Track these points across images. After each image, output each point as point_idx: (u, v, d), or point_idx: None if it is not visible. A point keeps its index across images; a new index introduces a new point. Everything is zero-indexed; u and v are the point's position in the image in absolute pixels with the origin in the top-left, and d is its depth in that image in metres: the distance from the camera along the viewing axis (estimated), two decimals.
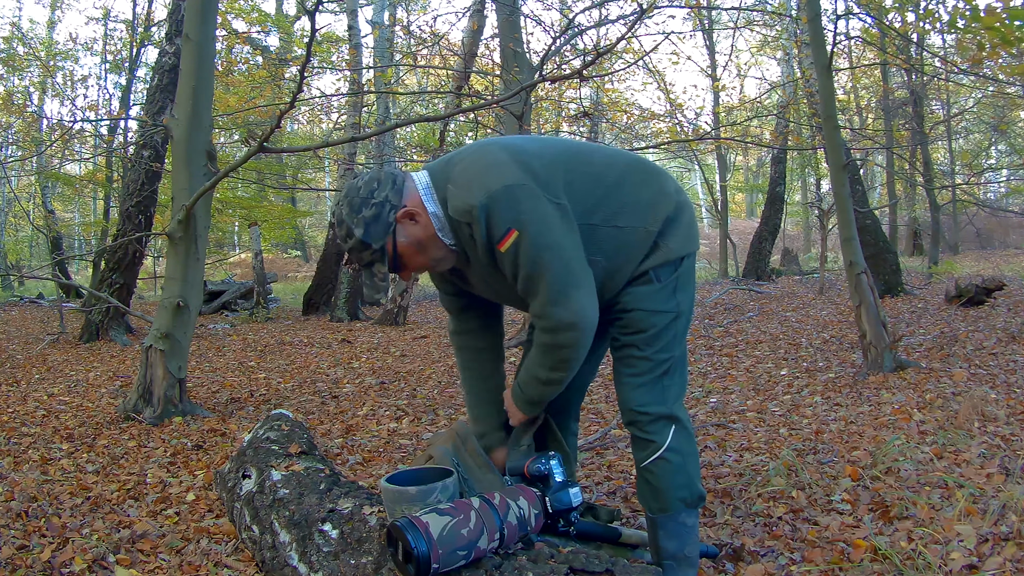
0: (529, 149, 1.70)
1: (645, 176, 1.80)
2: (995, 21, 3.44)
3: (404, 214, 1.66)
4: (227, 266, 20.85)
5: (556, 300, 1.62)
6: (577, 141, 1.97)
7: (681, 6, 9.44)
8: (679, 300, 1.78)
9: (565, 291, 1.61)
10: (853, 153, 10.10)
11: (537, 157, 1.67)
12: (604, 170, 1.76)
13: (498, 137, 1.85)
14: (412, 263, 1.73)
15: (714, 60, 16.36)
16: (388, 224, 1.65)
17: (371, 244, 1.66)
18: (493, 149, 1.67)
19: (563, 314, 1.62)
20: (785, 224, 17.60)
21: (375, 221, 1.65)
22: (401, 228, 1.67)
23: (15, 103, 13.53)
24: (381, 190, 1.66)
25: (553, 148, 1.76)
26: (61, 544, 2.22)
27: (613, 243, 1.73)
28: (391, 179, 1.69)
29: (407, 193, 1.68)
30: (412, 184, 1.70)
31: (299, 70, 4.01)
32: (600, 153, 1.84)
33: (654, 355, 1.76)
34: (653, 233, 1.75)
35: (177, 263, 3.99)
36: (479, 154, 1.67)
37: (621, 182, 1.75)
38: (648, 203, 1.76)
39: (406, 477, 1.69)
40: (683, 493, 1.78)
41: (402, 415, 4.05)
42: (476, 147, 1.72)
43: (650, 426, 1.77)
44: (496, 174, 1.60)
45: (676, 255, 1.76)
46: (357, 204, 1.66)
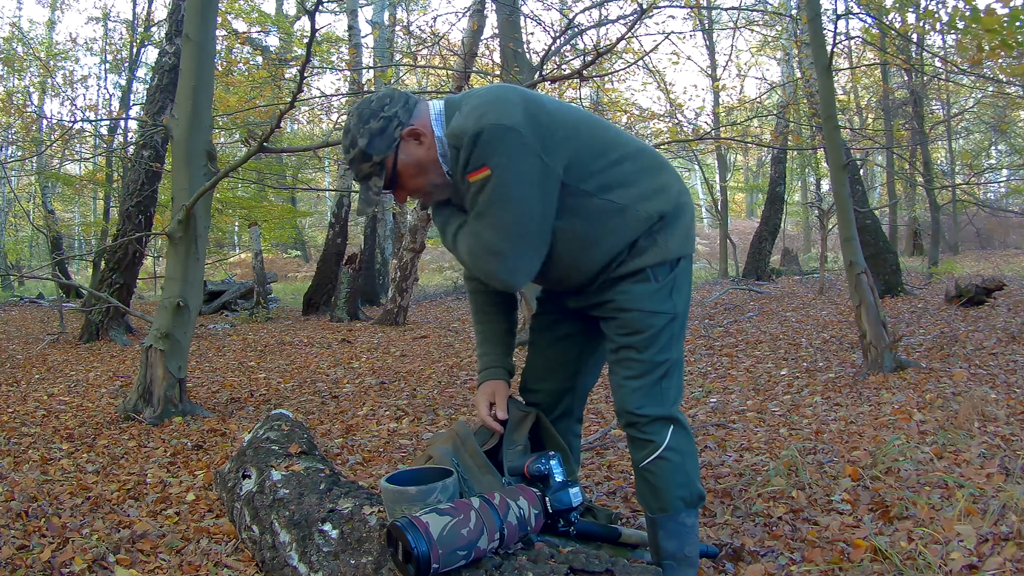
0: (546, 103, 1.70)
1: (652, 165, 1.79)
2: (995, 23, 3.44)
3: (410, 132, 1.67)
4: (227, 266, 20.85)
5: (492, 251, 1.65)
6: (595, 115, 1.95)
7: (681, 6, 9.45)
8: (676, 301, 1.77)
9: (504, 247, 1.64)
10: (853, 153, 10.10)
11: (549, 112, 1.67)
12: (612, 145, 1.75)
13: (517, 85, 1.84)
14: (409, 184, 1.73)
15: (714, 60, 16.36)
16: (392, 139, 1.67)
17: (372, 156, 1.67)
18: (510, 89, 1.68)
19: (495, 266, 1.67)
20: (785, 224, 17.60)
21: (380, 134, 1.66)
22: (404, 146, 1.68)
23: (15, 103, 13.53)
24: (392, 106, 1.68)
25: (570, 112, 1.76)
26: (61, 544, 2.22)
27: (599, 213, 1.71)
28: (404, 98, 1.70)
29: (417, 113, 1.69)
30: (424, 108, 1.71)
31: (299, 70, 4.01)
32: (613, 131, 1.83)
33: (652, 357, 1.75)
34: (646, 220, 1.72)
35: (177, 263, 3.99)
36: (496, 89, 1.68)
37: (625, 160, 1.75)
38: (647, 190, 1.74)
39: (406, 477, 1.69)
40: (682, 492, 1.77)
41: (402, 415, 4.05)
42: (496, 85, 1.74)
43: (648, 428, 1.76)
44: (498, 110, 1.59)
45: (674, 255, 1.75)
46: (366, 115, 1.67)
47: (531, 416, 1.94)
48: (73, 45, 15.67)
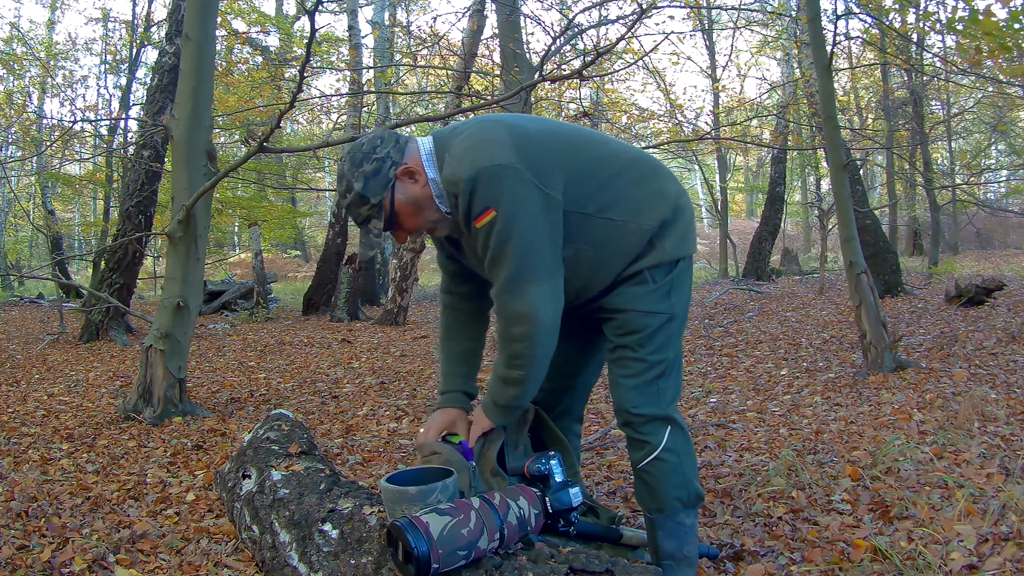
0: (531, 132, 1.69)
1: (646, 174, 1.79)
2: (993, 26, 3.44)
3: (404, 171, 1.68)
4: (227, 266, 20.85)
5: (511, 289, 1.62)
6: (586, 129, 1.95)
7: (681, 6, 9.45)
8: (673, 302, 1.77)
9: (524, 282, 1.61)
10: (853, 153, 10.10)
11: (537, 142, 1.66)
12: (604, 161, 1.75)
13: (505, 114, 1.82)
14: (408, 223, 1.73)
15: (714, 60, 16.36)
16: (388, 180, 1.67)
17: (369, 198, 1.68)
18: (494, 125, 1.67)
19: (515, 304, 1.63)
20: (785, 224, 17.61)
21: (375, 176, 1.67)
22: (400, 185, 1.69)
23: (15, 103, 13.53)
24: (384, 147, 1.69)
25: (556, 134, 1.75)
26: (61, 544, 2.22)
27: (604, 234, 1.72)
28: (394, 138, 1.71)
29: (409, 153, 1.70)
30: (415, 146, 1.72)
31: (299, 70, 4.01)
32: (605, 145, 1.82)
33: (648, 356, 1.75)
34: (647, 231, 1.73)
35: (177, 263, 3.99)
36: (480, 128, 1.67)
37: (619, 175, 1.75)
38: (644, 201, 1.75)
39: (406, 477, 1.69)
40: (680, 493, 1.78)
41: (402, 415, 4.05)
42: (480, 120, 1.72)
43: (644, 427, 1.77)
44: (489, 151, 1.60)
45: (671, 257, 1.76)
46: (359, 158, 1.68)
47: (530, 412, 1.94)
48: (72, 46, 15.65)
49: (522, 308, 1.62)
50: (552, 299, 1.65)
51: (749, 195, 28.66)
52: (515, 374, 1.70)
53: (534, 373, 1.70)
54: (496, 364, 1.74)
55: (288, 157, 16.33)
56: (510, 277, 1.62)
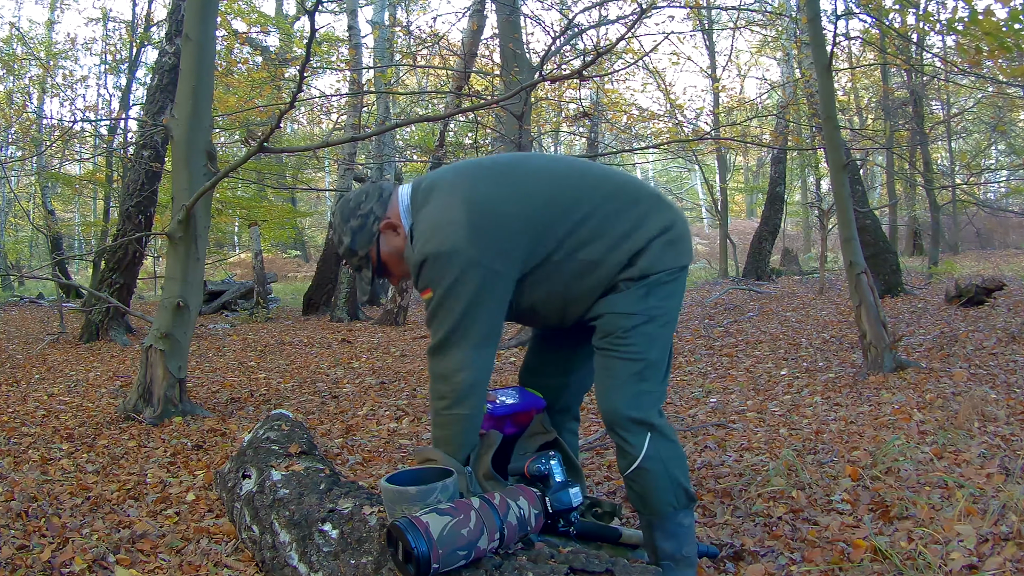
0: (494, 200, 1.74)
1: (623, 205, 1.79)
2: (993, 27, 3.44)
3: (386, 225, 1.82)
4: (227, 266, 20.85)
5: (438, 350, 1.75)
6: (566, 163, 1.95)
7: (681, 6, 9.45)
8: (651, 304, 1.78)
9: (447, 346, 1.73)
10: (853, 153, 10.10)
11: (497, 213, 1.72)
12: (578, 202, 1.78)
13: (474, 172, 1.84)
14: (396, 271, 1.89)
15: (714, 60, 16.35)
16: (372, 234, 1.83)
17: (357, 251, 1.84)
18: (456, 203, 1.74)
19: (438, 365, 1.76)
20: (785, 224, 17.61)
21: (360, 230, 1.83)
22: (384, 238, 1.83)
23: (15, 103, 13.53)
24: (368, 202, 1.83)
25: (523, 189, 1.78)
26: (61, 544, 2.22)
27: (575, 273, 1.78)
28: (378, 192, 1.85)
29: (391, 206, 1.83)
30: (396, 199, 1.85)
31: (299, 70, 4.01)
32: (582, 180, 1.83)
33: (625, 354, 1.77)
34: (619, 264, 1.77)
35: (177, 263, 3.99)
36: (443, 204, 1.75)
37: (593, 214, 1.77)
38: (619, 235, 1.77)
39: (406, 477, 1.69)
40: (669, 498, 1.78)
41: (402, 415, 4.05)
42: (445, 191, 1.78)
43: (624, 431, 1.78)
44: (441, 236, 1.70)
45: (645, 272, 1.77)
46: (347, 214, 1.85)
47: (549, 436, 1.96)
48: (72, 45, 15.64)
49: (443, 370, 1.75)
50: (475, 365, 1.74)
51: (749, 195, 28.66)
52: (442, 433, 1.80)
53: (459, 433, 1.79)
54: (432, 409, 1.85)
55: (288, 157, 16.33)
56: (439, 340, 1.74)
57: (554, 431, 1.99)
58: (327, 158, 17.14)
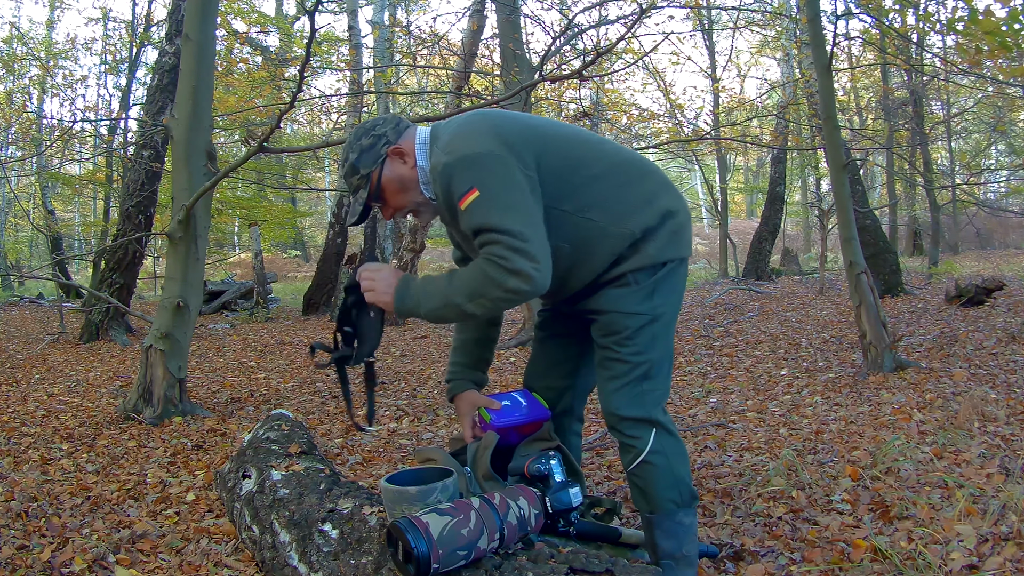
0: (514, 122, 1.75)
1: (633, 178, 1.79)
2: (992, 26, 3.44)
3: (394, 150, 1.78)
4: (227, 266, 20.85)
5: (516, 246, 1.57)
6: (578, 129, 1.95)
7: (681, 6, 9.45)
8: (656, 303, 1.77)
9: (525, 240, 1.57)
10: (853, 153, 10.10)
11: (517, 132, 1.71)
12: (586, 161, 1.76)
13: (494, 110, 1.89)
14: (392, 200, 1.83)
15: (714, 60, 16.36)
16: (378, 155, 1.79)
17: (359, 169, 1.80)
18: (478, 119, 1.74)
19: (520, 262, 1.56)
20: (785, 224, 17.61)
21: (369, 150, 1.79)
22: (389, 163, 1.79)
23: (15, 103, 13.52)
24: (383, 126, 1.81)
25: (539, 128, 1.78)
26: (61, 544, 2.22)
27: (583, 234, 1.73)
28: (396, 121, 1.83)
29: (405, 136, 1.80)
30: (413, 132, 1.82)
31: (299, 70, 4.01)
32: (594, 146, 1.82)
33: (629, 356, 1.76)
34: (629, 236, 1.74)
35: (177, 263, 3.99)
36: (466, 123, 1.75)
37: (603, 177, 1.75)
38: (628, 206, 1.75)
39: (406, 477, 1.69)
40: (672, 494, 1.78)
41: (402, 415, 4.05)
42: (468, 116, 1.80)
43: (629, 430, 1.77)
44: (469, 140, 1.67)
45: (655, 260, 1.76)
46: (360, 133, 1.83)
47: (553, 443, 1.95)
48: (72, 45, 15.65)
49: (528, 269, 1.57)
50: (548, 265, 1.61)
51: (749, 195, 28.67)
52: (471, 309, 1.64)
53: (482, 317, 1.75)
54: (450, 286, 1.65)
55: (288, 157, 16.33)
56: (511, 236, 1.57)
57: (557, 439, 1.97)
58: (327, 158, 17.16)
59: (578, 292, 1.83)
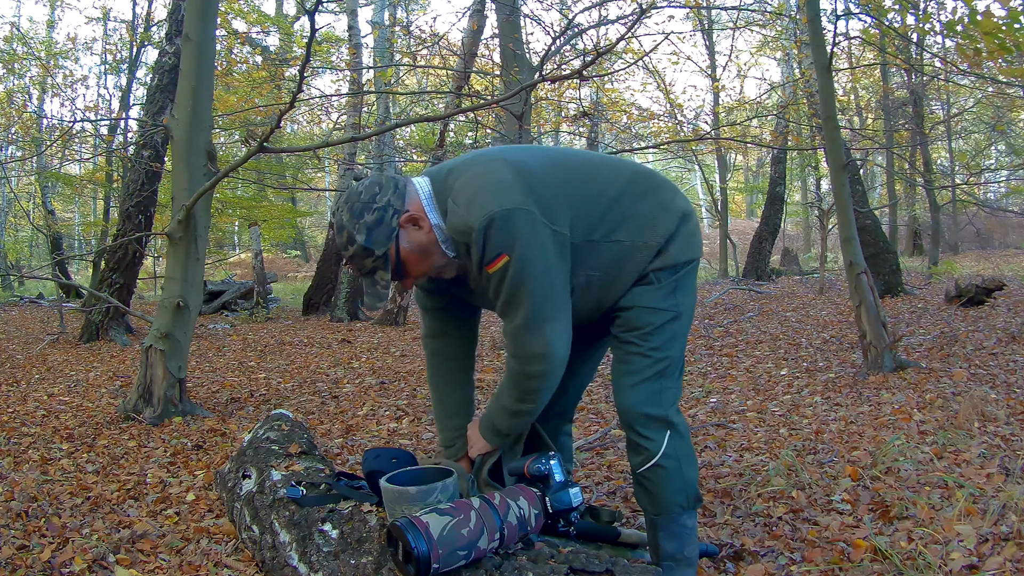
0: (533, 168, 1.66)
1: (647, 189, 1.79)
2: (992, 26, 3.43)
3: (408, 219, 1.62)
4: (227, 266, 20.85)
5: (530, 329, 1.62)
6: (580, 153, 1.97)
7: (681, 6, 9.45)
8: (679, 301, 1.78)
9: (540, 322, 1.62)
10: (853, 153, 10.10)
11: (541, 178, 1.64)
12: (606, 184, 1.75)
13: (503, 148, 1.75)
14: (415, 270, 1.68)
15: (714, 60, 16.35)
16: (391, 229, 1.61)
17: (374, 250, 1.61)
18: (498, 166, 1.63)
19: (534, 345, 1.63)
20: (785, 224, 17.61)
21: (377, 226, 1.60)
22: (404, 233, 1.62)
23: (15, 103, 13.53)
24: (383, 194, 1.62)
25: (556, 166, 1.73)
26: (61, 544, 2.22)
27: (611, 256, 1.73)
28: (392, 184, 1.65)
29: (409, 198, 1.64)
30: (414, 189, 1.67)
31: (299, 70, 4.01)
32: (603, 168, 1.82)
33: (650, 352, 1.76)
34: (655, 247, 1.75)
35: (177, 263, 3.99)
36: (483, 169, 1.63)
37: (622, 196, 1.75)
38: (648, 217, 1.76)
39: (406, 477, 1.69)
40: (679, 498, 1.78)
41: (402, 415, 4.05)
42: (480, 160, 1.67)
43: (644, 429, 1.77)
44: (497, 195, 1.56)
45: (676, 260, 1.77)
46: (359, 209, 1.61)
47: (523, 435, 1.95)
48: (72, 45, 15.64)
49: (540, 348, 1.63)
50: (565, 335, 1.67)
51: (749, 195, 28.65)
52: (526, 407, 1.73)
53: (542, 404, 1.75)
54: (503, 397, 1.76)
55: (288, 157, 16.31)
56: (527, 319, 1.61)
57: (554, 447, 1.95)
58: (327, 158, 17.13)
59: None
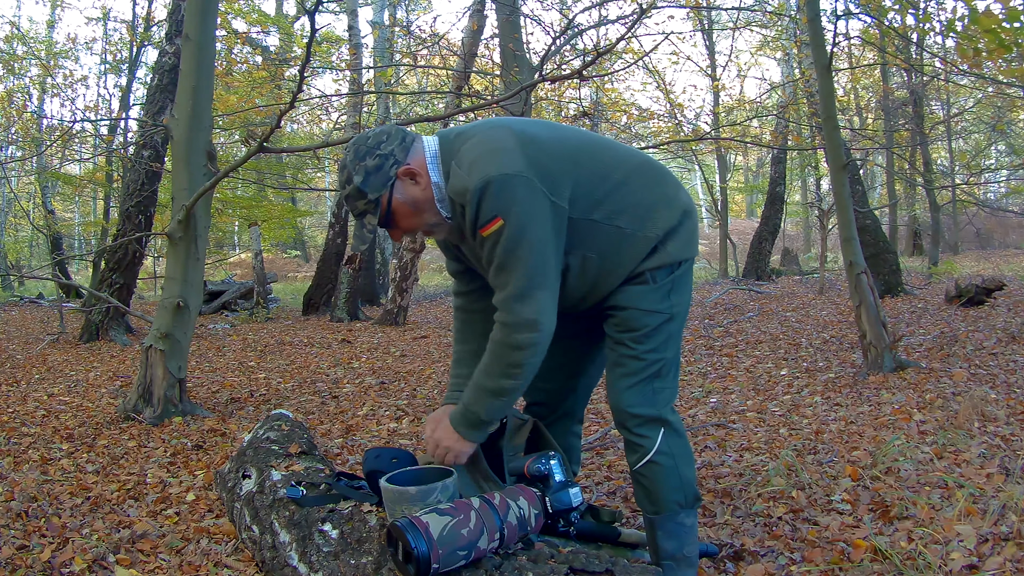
0: (540, 138, 1.67)
1: (653, 180, 1.78)
2: (992, 24, 3.44)
3: (405, 171, 1.66)
4: (227, 266, 20.85)
5: (521, 295, 1.61)
6: (592, 134, 1.94)
7: (681, 6, 9.46)
8: (674, 302, 1.77)
9: (532, 289, 1.60)
10: (853, 153, 10.10)
11: (545, 150, 1.65)
12: (612, 167, 1.74)
13: (512, 119, 1.77)
14: (404, 223, 1.72)
15: (714, 60, 16.36)
16: (388, 177, 1.65)
17: (367, 193, 1.66)
18: (503, 133, 1.64)
19: (525, 311, 1.61)
20: (785, 224, 17.61)
21: (376, 171, 1.65)
22: (400, 185, 1.66)
23: (15, 103, 13.53)
24: (389, 143, 1.66)
25: (564, 140, 1.73)
26: (61, 544, 2.22)
27: (610, 242, 1.72)
28: (401, 135, 1.68)
29: (413, 152, 1.67)
30: (420, 146, 1.69)
31: (299, 70, 4.01)
32: (611, 150, 1.81)
33: (645, 354, 1.75)
34: (653, 239, 1.73)
35: (177, 263, 3.99)
36: (488, 135, 1.65)
37: (626, 181, 1.74)
38: (650, 208, 1.74)
39: (406, 477, 1.69)
40: (677, 496, 1.77)
41: (402, 415, 4.05)
42: (488, 126, 1.69)
43: (639, 428, 1.77)
44: (498, 160, 1.58)
45: (674, 259, 1.76)
46: (362, 152, 1.66)
47: (528, 424, 1.96)
48: (72, 45, 15.65)
49: (531, 315, 1.61)
50: (553, 308, 1.65)
51: (749, 195, 28.66)
52: (508, 384, 1.68)
53: (526, 381, 1.70)
54: (483, 375, 1.70)
55: (288, 157, 16.31)
56: (520, 285, 1.60)
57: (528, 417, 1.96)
58: (327, 158, 17.13)
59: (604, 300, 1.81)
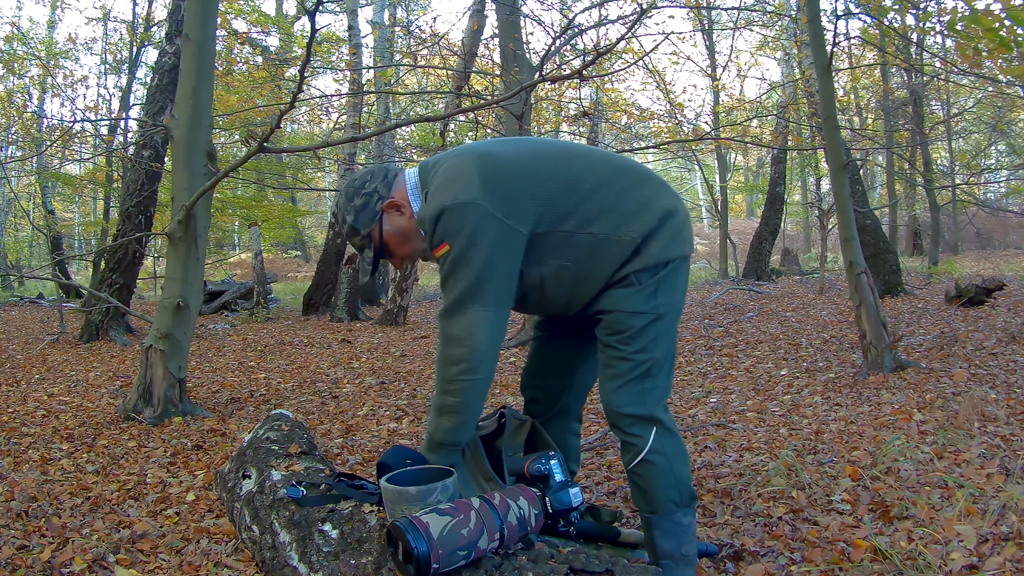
0: (502, 161, 1.74)
1: (629, 184, 1.79)
2: (993, 23, 3.44)
3: (390, 204, 1.83)
4: (227, 266, 20.85)
5: (450, 312, 1.70)
6: (568, 143, 2.02)
7: (681, 6, 9.46)
8: (660, 302, 1.77)
9: (462, 306, 1.68)
10: (853, 153, 10.10)
11: (507, 172, 1.72)
12: (582, 176, 1.77)
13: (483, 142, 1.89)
14: (398, 251, 1.89)
15: (714, 60, 16.35)
16: (375, 213, 1.83)
17: (359, 230, 1.85)
18: (465, 160, 1.74)
19: (451, 326, 1.70)
20: (785, 224, 17.62)
21: (363, 209, 1.84)
22: (387, 218, 1.84)
23: (15, 103, 13.53)
24: (372, 181, 1.85)
25: (528, 157, 1.78)
26: (61, 544, 2.22)
27: (585, 249, 1.74)
28: (383, 173, 1.87)
29: (396, 186, 1.84)
30: (403, 179, 1.85)
31: (299, 70, 4.01)
32: (584, 158, 1.84)
33: (632, 355, 1.76)
34: (631, 243, 1.74)
35: (177, 263, 3.99)
36: (452, 163, 1.76)
37: (600, 188, 1.76)
38: (627, 212, 1.75)
39: (406, 477, 1.69)
40: (671, 494, 1.78)
41: (402, 415, 4.05)
42: (454, 154, 1.81)
43: (630, 428, 1.78)
44: (453, 189, 1.69)
45: (657, 260, 1.76)
46: (350, 193, 1.86)
47: (527, 425, 1.96)
48: (73, 45, 15.64)
49: (460, 331, 1.69)
50: (492, 327, 1.70)
51: (749, 195, 28.63)
52: (450, 401, 1.73)
53: (469, 400, 1.73)
54: (433, 396, 1.80)
55: (288, 157, 16.32)
56: (454, 300, 1.69)
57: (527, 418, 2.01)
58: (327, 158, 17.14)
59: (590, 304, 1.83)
